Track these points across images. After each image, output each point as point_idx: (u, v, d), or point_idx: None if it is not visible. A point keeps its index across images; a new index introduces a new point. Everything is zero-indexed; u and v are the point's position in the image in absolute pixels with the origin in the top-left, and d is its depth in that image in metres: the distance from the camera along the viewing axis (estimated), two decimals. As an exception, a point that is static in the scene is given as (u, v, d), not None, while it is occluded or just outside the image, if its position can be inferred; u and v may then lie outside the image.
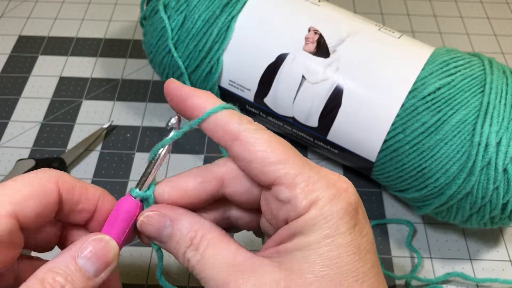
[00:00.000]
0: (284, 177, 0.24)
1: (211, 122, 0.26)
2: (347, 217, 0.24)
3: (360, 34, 0.40)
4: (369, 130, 0.38)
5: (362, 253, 0.24)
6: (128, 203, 0.27)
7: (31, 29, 0.59)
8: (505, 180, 0.35)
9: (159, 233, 0.26)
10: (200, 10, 0.41)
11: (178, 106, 0.27)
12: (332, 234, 0.23)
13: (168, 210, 0.26)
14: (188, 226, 0.25)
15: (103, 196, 0.28)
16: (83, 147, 0.46)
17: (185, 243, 0.25)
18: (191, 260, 0.25)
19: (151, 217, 0.26)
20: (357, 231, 0.24)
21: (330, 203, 0.24)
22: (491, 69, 0.37)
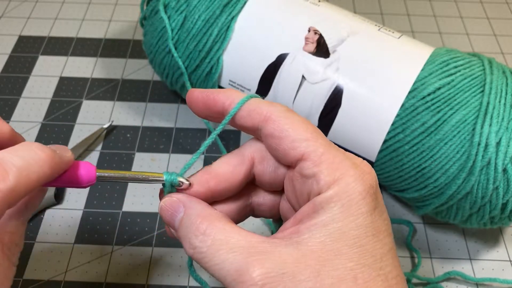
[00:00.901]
0: (312, 153, 0.25)
1: (244, 108, 0.27)
2: (369, 198, 0.24)
3: (360, 34, 0.40)
4: (369, 130, 0.38)
5: (381, 235, 0.24)
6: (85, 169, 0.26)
7: (31, 29, 0.59)
8: (504, 180, 0.35)
9: (173, 218, 0.27)
10: (200, 10, 0.41)
11: (209, 108, 0.28)
12: (353, 213, 0.24)
13: (184, 197, 0.27)
14: (197, 212, 0.26)
15: None
16: (83, 147, 0.47)
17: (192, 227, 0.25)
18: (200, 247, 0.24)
19: (169, 202, 0.27)
20: (377, 213, 0.24)
21: (353, 182, 0.24)
22: (491, 69, 0.38)
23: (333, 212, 0.24)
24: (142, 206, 0.44)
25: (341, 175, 0.24)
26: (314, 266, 0.23)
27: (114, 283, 0.39)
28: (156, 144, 0.48)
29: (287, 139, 0.25)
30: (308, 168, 0.25)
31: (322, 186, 0.24)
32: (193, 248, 0.25)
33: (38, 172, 0.23)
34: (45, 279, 0.39)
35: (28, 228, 0.42)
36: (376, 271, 0.23)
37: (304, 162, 0.25)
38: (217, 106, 0.27)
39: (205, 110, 0.28)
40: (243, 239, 0.24)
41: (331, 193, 0.24)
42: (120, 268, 0.40)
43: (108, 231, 0.42)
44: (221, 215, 0.26)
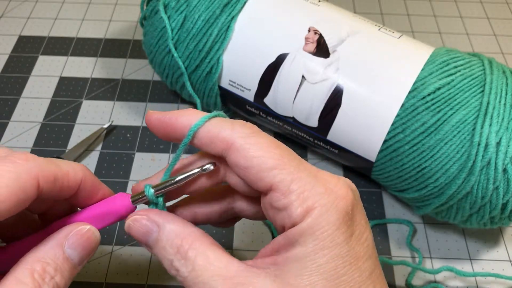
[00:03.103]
0: (280, 184, 0.24)
1: (202, 136, 0.25)
2: (344, 227, 0.23)
3: (360, 34, 0.40)
4: (369, 130, 0.38)
5: (360, 262, 0.24)
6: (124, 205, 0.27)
7: (31, 29, 0.59)
8: (505, 180, 0.35)
9: (146, 237, 0.26)
10: (200, 10, 0.41)
11: (168, 134, 0.27)
12: (328, 245, 0.23)
13: (156, 215, 0.26)
14: (174, 233, 0.25)
15: (85, 178, 0.28)
16: (83, 147, 0.47)
17: (171, 250, 0.25)
18: (181, 271, 0.24)
19: (138, 221, 0.26)
20: (355, 240, 0.24)
21: (326, 213, 0.23)
22: (491, 69, 0.38)
23: (307, 246, 0.23)
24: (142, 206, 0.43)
25: (312, 205, 0.23)
26: None
27: (114, 283, 0.39)
28: (156, 144, 0.48)
29: (252, 169, 0.24)
30: (278, 200, 0.24)
31: (295, 219, 0.23)
32: (175, 270, 0.25)
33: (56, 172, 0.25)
34: (45, 279, 0.39)
35: (28, 228, 0.42)
36: None
37: (273, 193, 0.24)
38: (177, 133, 0.26)
39: (165, 137, 0.27)
40: (223, 267, 0.24)
41: (304, 226, 0.23)
42: (120, 268, 0.40)
43: (108, 231, 0.42)
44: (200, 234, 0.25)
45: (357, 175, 0.46)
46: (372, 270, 0.24)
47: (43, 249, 0.24)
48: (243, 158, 0.24)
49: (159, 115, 0.27)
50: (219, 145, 0.25)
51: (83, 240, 0.25)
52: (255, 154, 0.24)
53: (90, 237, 0.26)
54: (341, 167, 0.47)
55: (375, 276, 0.24)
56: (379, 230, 0.43)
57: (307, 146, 0.45)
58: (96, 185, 0.28)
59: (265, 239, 0.42)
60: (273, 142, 0.25)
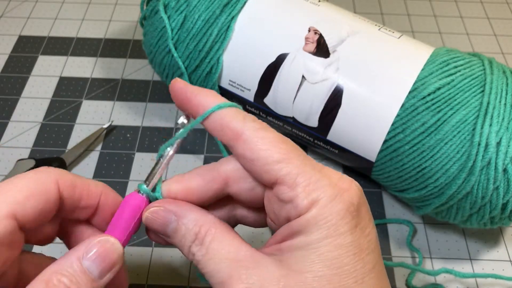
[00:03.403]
0: (286, 177, 0.24)
1: (215, 120, 0.26)
2: (348, 217, 0.24)
3: (360, 34, 0.40)
4: (369, 130, 0.38)
5: (363, 253, 0.24)
6: (134, 200, 0.27)
7: (31, 29, 0.59)
8: (505, 180, 0.35)
9: (164, 228, 0.26)
10: (200, 10, 0.41)
11: (183, 105, 0.28)
12: (332, 234, 0.23)
13: (173, 205, 0.26)
14: (193, 221, 0.26)
15: (105, 191, 0.28)
16: (83, 147, 0.47)
17: (190, 237, 0.25)
18: (196, 255, 0.25)
19: (156, 212, 0.26)
20: (359, 231, 0.24)
21: (331, 203, 0.24)
22: (491, 69, 0.37)
23: (311, 236, 0.23)
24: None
25: (317, 197, 0.24)
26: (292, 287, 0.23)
27: (114, 283, 0.39)
28: (156, 144, 0.48)
29: (259, 161, 0.25)
30: (284, 192, 0.24)
31: (300, 210, 0.24)
32: (192, 255, 0.25)
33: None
34: (45, 279, 0.39)
35: (28, 228, 0.42)
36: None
37: (279, 186, 0.24)
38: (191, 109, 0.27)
39: (181, 107, 0.28)
40: (233, 251, 0.24)
41: (309, 217, 0.23)
42: (120, 268, 0.40)
43: (108, 231, 0.42)
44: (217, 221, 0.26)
45: (357, 175, 0.46)
46: (375, 264, 0.24)
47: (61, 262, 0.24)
48: (250, 150, 0.25)
49: (183, 84, 0.28)
50: (228, 134, 0.26)
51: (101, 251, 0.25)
52: (262, 147, 0.25)
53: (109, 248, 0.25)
54: (341, 167, 0.47)
55: (377, 270, 0.24)
56: (379, 230, 0.43)
57: (307, 146, 0.45)
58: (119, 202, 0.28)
59: (265, 239, 0.42)
60: (280, 137, 0.26)
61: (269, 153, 0.24)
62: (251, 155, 0.25)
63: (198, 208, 0.27)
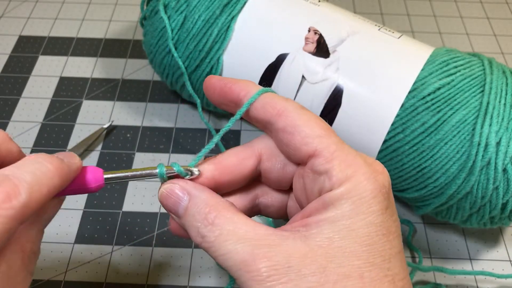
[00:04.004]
0: (324, 150, 0.25)
1: (259, 101, 0.27)
2: (381, 197, 0.24)
3: (360, 34, 0.40)
4: (369, 130, 0.38)
5: (391, 236, 0.24)
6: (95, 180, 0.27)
7: (31, 29, 0.59)
8: (504, 180, 0.35)
9: (176, 206, 0.26)
10: (200, 10, 0.41)
11: (223, 96, 0.28)
12: (364, 211, 0.23)
13: (187, 184, 0.26)
14: (204, 201, 0.26)
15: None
16: (83, 147, 0.47)
17: (199, 216, 0.25)
18: (208, 236, 0.24)
19: (170, 189, 0.26)
20: (389, 214, 0.24)
21: (366, 180, 0.24)
22: (491, 69, 0.38)
23: (343, 209, 0.23)
24: (142, 206, 0.44)
25: (353, 173, 0.24)
26: (320, 262, 0.23)
27: (114, 283, 0.39)
28: (156, 144, 0.48)
29: (299, 134, 0.25)
30: (320, 164, 0.25)
31: (334, 183, 0.24)
32: (201, 237, 0.25)
33: (48, 185, 0.23)
34: (45, 279, 0.39)
35: (28, 228, 0.42)
36: (384, 272, 0.23)
37: (316, 158, 0.25)
38: (232, 95, 0.28)
39: (220, 97, 0.28)
40: (251, 230, 0.24)
41: (342, 190, 0.23)
42: (120, 268, 0.40)
43: (108, 231, 0.42)
44: (229, 204, 0.26)
45: (357, 175, 0.46)
46: (400, 250, 0.24)
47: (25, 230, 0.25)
48: (292, 124, 0.26)
49: (219, 78, 0.28)
50: (270, 111, 0.26)
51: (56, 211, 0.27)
52: (303, 123, 0.25)
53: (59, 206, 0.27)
54: (341, 167, 0.47)
55: (402, 256, 0.24)
56: (379, 230, 0.43)
57: (307, 146, 0.45)
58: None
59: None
60: (319, 118, 0.26)
61: (310, 127, 0.25)
62: (292, 128, 0.25)
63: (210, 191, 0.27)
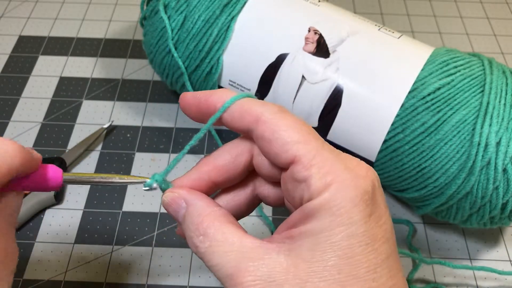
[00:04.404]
0: (303, 157, 0.24)
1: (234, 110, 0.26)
2: (363, 205, 0.23)
3: (360, 34, 0.40)
4: (369, 130, 0.38)
5: (377, 243, 0.23)
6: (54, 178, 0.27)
7: (31, 29, 0.59)
8: (504, 180, 0.35)
9: (176, 213, 0.27)
10: (200, 10, 0.41)
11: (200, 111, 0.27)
12: (344, 222, 0.23)
13: (186, 192, 0.27)
14: (197, 211, 0.26)
15: None
16: (83, 147, 0.47)
17: (193, 226, 0.25)
18: (200, 247, 0.25)
19: (170, 197, 0.27)
20: (373, 221, 0.23)
21: (345, 189, 0.23)
22: (490, 69, 0.38)
23: (323, 221, 0.23)
24: (142, 206, 0.44)
25: (331, 181, 0.23)
26: (302, 276, 0.22)
27: (114, 283, 0.39)
28: (156, 144, 0.48)
29: (277, 141, 0.25)
30: (299, 172, 0.24)
31: (313, 192, 0.23)
32: (195, 247, 0.25)
33: (9, 164, 0.24)
34: (45, 279, 0.39)
35: (28, 228, 0.42)
36: (368, 283, 0.23)
37: (295, 165, 0.24)
38: (210, 109, 0.27)
39: (198, 114, 0.28)
40: (238, 242, 0.24)
41: (321, 201, 0.23)
42: (120, 268, 0.40)
43: (108, 231, 0.42)
44: (222, 213, 0.26)
45: (357, 175, 0.46)
46: (389, 255, 0.24)
47: None
48: (270, 130, 0.25)
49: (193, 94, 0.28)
50: (248, 119, 0.26)
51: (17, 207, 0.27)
52: (282, 128, 0.25)
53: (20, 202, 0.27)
54: (341, 167, 0.47)
55: (391, 261, 0.24)
56: (379, 230, 0.43)
57: (307, 146, 0.45)
58: None
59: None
60: (299, 120, 0.26)
61: (288, 133, 0.24)
62: (270, 135, 0.25)
63: (207, 199, 0.27)
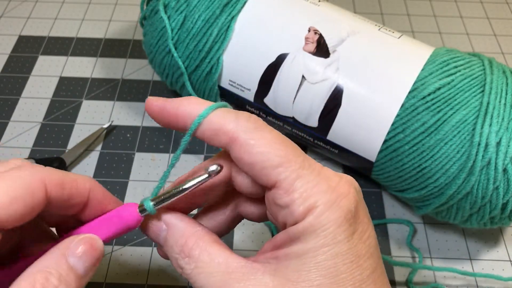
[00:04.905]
0: (284, 181, 0.23)
1: (206, 128, 0.25)
2: (346, 225, 0.23)
3: (360, 34, 0.40)
4: (369, 130, 0.38)
5: (361, 260, 0.23)
6: (131, 217, 0.26)
7: (31, 29, 0.59)
8: (505, 180, 0.35)
9: (157, 237, 0.26)
10: (200, 10, 0.41)
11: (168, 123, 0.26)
12: (329, 242, 0.23)
13: (166, 214, 0.26)
14: (180, 232, 0.26)
15: (93, 187, 0.27)
16: (83, 147, 0.47)
17: (177, 248, 0.25)
18: (185, 268, 0.25)
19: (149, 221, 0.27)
20: (357, 238, 0.24)
21: (328, 210, 0.23)
22: (491, 69, 0.38)
23: (307, 243, 0.23)
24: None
25: (314, 203, 0.23)
26: None
27: (114, 283, 0.39)
28: (156, 144, 0.48)
29: (256, 165, 0.24)
30: (281, 197, 0.24)
31: (297, 217, 0.23)
32: (180, 268, 0.25)
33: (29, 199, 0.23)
34: (45, 279, 0.39)
35: (28, 228, 0.42)
36: None
37: (277, 190, 0.24)
38: (179, 122, 0.25)
39: (166, 124, 0.26)
40: (223, 262, 0.24)
41: (305, 224, 0.23)
42: (120, 268, 0.40)
43: (108, 231, 0.42)
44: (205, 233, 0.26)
45: (357, 175, 0.46)
46: (374, 269, 0.24)
47: (45, 259, 0.24)
48: (247, 154, 0.24)
49: (159, 102, 0.26)
50: (223, 138, 0.24)
51: (88, 248, 0.24)
52: (259, 150, 0.24)
53: (94, 245, 0.25)
54: (341, 167, 0.47)
55: (376, 275, 0.24)
56: (379, 230, 0.43)
57: (307, 146, 0.45)
58: (107, 197, 0.27)
59: (265, 239, 0.42)
60: (278, 137, 0.25)
61: (267, 156, 0.24)
62: (248, 158, 0.24)
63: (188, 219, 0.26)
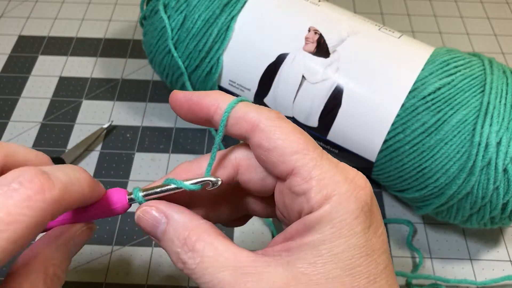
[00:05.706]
0: (302, 168, 0.23)
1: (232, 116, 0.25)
2: (363, 217, 0.23)
3: (360, 34, 0.40)
4: (369, 130, 0.38)
5: (375, 254, 0.23)
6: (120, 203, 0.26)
7: (31, 29, 0.59)
8: (505, 180, 0.35)
9: (154, 229, 0.25)
10: (200, 10, 0.41)
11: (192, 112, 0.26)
12: (346, 234, 0.22)
13: (164, 206, 0.26)
14: (182, 224, 0.25)
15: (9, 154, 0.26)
16: (83, 147, 0.46)
17: (179, 242, 0.24)
18: (189, 263, 0.24)
19: (147, 212, 0.26)
20: (372, 232, 0.23)
21: (346, 201, 0.23)
22: (491, 69, 0.37)
23: (324, 233, 0.22)
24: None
25: (332, 192, 0.23)
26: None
27: (114, 283, 0.39)
28: (156, 144, 0.48)
29: (276, 151, 0.24)
30: (298, 184, 0.23)
31: (313, 205, 0.23)
32: (182, 263, 0.24)
33: (79, 191, 0.24)
34: (45, 279, 0.39)
35: (28, 228, 0.42)
36: None
37: (294, 177, 0.24)
38: (202, 111, 0.26)
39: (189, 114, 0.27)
40: (232, 256, 0.23)
41: (322, 213, 0.23)
42: (120, 268, 0.40)
43: (108, 231, 0.42)
44: (209, 226, 0.25)
45: (357, 175, 0.46)
46: (387, 265, 0.24)
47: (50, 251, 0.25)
48: (267, 140, 0.24)
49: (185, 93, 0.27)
50: (244, 126, 0.25)
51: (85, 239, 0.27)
52: (280, 137, 0.24)
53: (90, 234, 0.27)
54: (341, 167, 0.47)
55: (389, 271, 0.24)
56: (379, 230, 0.43)
57: (307, 146, 0.45)
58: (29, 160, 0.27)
59: (265, 239, 0.42)
60: (297, 128, 0.25)
61: (287, 142, 0.24)
62: (268, 144, 0.24)
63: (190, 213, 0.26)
